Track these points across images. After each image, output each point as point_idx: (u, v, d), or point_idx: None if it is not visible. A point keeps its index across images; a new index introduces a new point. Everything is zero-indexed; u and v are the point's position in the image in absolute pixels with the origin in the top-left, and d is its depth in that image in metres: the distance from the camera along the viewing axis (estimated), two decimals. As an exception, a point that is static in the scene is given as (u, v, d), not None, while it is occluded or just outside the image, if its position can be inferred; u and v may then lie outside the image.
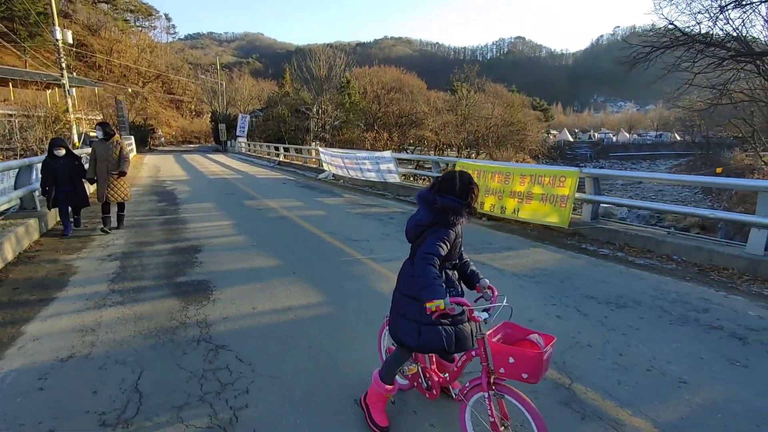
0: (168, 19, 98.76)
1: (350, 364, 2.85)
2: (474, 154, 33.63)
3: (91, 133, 22.78)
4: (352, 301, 3.94)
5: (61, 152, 6.27)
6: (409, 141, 34.29)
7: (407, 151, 32.60)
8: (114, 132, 6.66)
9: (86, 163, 6.99)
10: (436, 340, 1.98)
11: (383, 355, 2.59)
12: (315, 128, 32.46)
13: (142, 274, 4.67)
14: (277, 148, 25.90)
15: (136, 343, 3.12)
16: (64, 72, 18.88)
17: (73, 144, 18.05)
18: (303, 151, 22.24)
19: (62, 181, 6.24)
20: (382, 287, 4.24)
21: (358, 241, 6.18)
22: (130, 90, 47.50)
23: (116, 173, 6.50)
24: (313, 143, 28.99)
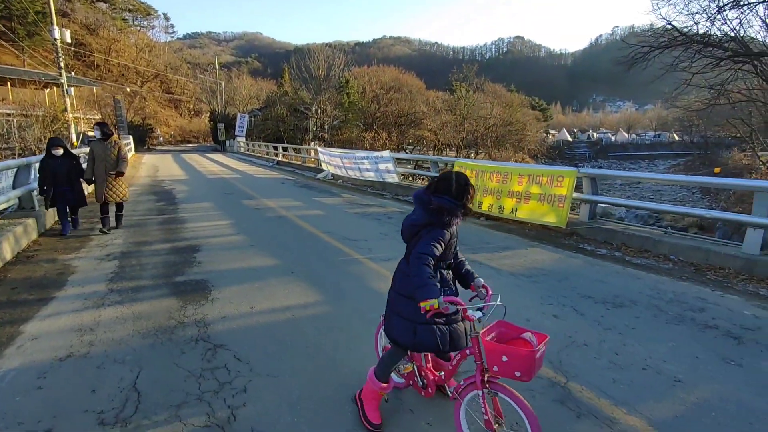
0: (167, 18, 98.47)
1: (348, 363, 2.87)
2: (473, 154, 33.66)
3: (89, 133, 22.73)
4: (350, 301, 3.96)
5: (59, 152, 6.27)
6: (408, 141, 34.32)
7: (406, 150, 32.62)
8: (112, 132, 6.64)
9: (84, 163, 6.98)
10: (430, 339, 1.99)
11: (380, 354, 2.61)
12: (314, 128, 32.46)
13: (141, 274, 4.67)
14: (276, 148, 25.88)
15: (134, 342, 3.13)
16: (63, 71, 18.85)
17: (72, 143, 18.03)
18: (302, 151, 22.23)
19: (60, 181, 6.23)
20: (380, 287, 4.25)
21: (357, 240, 6.19)
22: (129, 89, 47.45)
23: (114, 173, 6.49)
24: (311, 143, 28.97)
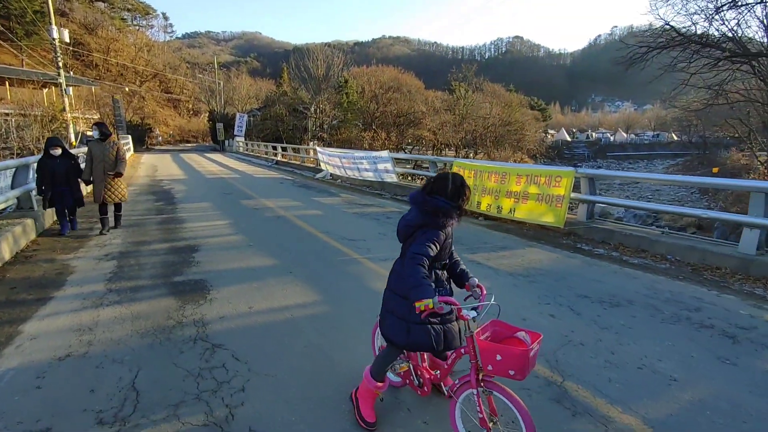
0: (165, 17, 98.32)
1: (346, 362, 2.88)
2: (472, 154, 33.67)
3: (88, 132, 22.71)
4: (349, 301, 3.97)
5: (57, 152, 6.27)
6: (407, 140, 34.31)
7: (405, 150, 32.62)
8: (110, 132, 6.61)
9: (83, 163, 6.96)
10: (424, 339, 2.01)
11: (377, 353, 2.63)
12: (313, 128, 32.45)
13: (139, 274, 4.68)
14: (275, 148, 25.89)
15: (133, 342, 3.14)
16: (61, 71, 18.81)
17: (70, 143, 18.01)
18: (301, 151, 22.23)
19: (59, 181, 6.23)
20: (379, 286, 4.25)
21: (355, 240, 6.21)
22: (128, 89, 47.43)
23: (113, 174, 6.44)
24: (310, 143, 28.95)
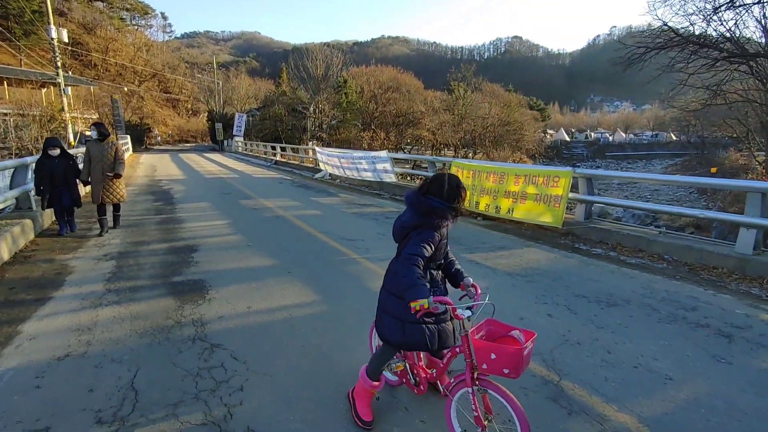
0: (164, 17, 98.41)
1: (344, 362, 2.90)
2: (471, 154, 33.68)
3: (86, 132, 22.70)
4: (347, 300, 3.99)
5: (55, 152, 6.26)
6: (406, 140, 34.32)
7: (404, 150, 32.63)
8: (109, 132, 6.58)
9: (81, 163, 6.93)
10: (419, 338, 2.04)
11: (374, 353, 2.64)
12: (312, 127, 32.45)
13: (138, 274, 4.69)
14: (274, 148, 25.88)
15: (131, 341, 3.16)
16: (60, 71, 18.81)
17: (69, 143, 18.00)
18: (300, 151, 22.24)
19: (57, 181, 6.22)
20: (377, 286, 4.20)
21: (354, 240, 6.22)
22: (126, 89, 47.37)
23: (112, 175, 6.39)
24: (309, 143, 28.95)
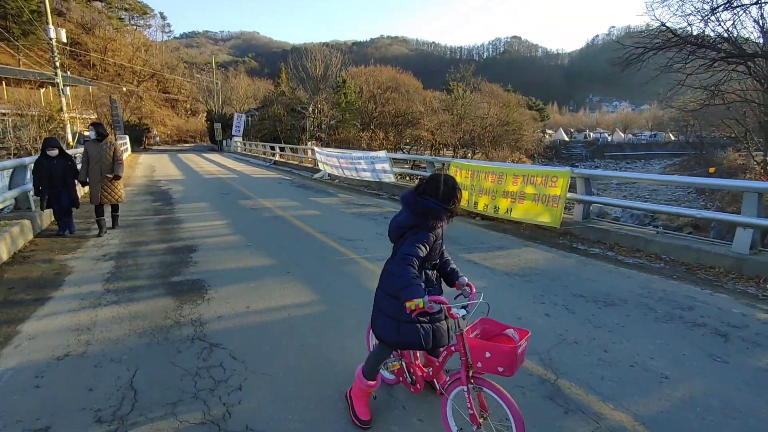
0: (163, 17, 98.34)
1: (342, 361, 2.91)
2: (470, 154, 33.73)
3: (85, 132, 22.68)
4: (346, 300, 4.00)
5: (54, 152, 6.25)
6: (406, 141, 34.35)
7: (403, 150, 32.66)
8: (107, 133, 6.55)
9: (79, 163, 6.92)
10: (413, 337, 2.06)
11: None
12: (311, 128, 32.45)
13: (137, 274, 4.70)
14: (273, 148, 25.87)
15: (131, 341, 3.17)
16: (58, 71, 18.80)
17: (68, 143, 17.98)
18: (299, 151, 22.24)
19: (56, 181, 6.22)
20: (376, 286, 4.29)
21: (353, 240, 6.24)
22: (125, 89, 47.31)
23: (111, 176, 6.37)
24: (308, 143, 28.98)
